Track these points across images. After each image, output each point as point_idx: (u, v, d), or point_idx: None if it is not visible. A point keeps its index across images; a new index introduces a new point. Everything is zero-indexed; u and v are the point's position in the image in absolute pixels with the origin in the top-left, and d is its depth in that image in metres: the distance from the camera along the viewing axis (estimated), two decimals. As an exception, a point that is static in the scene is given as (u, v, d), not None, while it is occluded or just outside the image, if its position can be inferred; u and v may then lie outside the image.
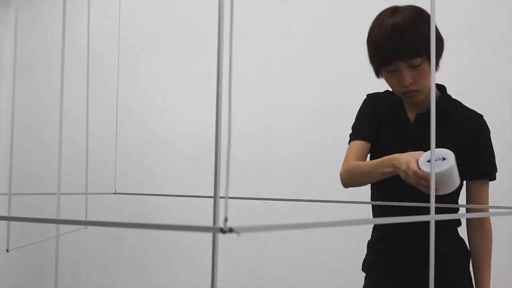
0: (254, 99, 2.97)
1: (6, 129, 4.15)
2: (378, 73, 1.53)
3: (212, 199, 0.57)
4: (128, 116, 3.40)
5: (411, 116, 1.54)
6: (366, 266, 1.66)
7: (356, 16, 2.62)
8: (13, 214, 3.69)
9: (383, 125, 1.56)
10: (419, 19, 1.40)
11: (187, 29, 3.28)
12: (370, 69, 2.56)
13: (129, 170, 3.39)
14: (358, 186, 1.56)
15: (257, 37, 2.95)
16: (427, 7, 1.45)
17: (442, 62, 1.54)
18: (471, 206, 1.53)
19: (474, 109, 1.55)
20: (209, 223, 0.56)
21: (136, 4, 3.44)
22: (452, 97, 1.58)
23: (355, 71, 2.50)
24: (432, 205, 0.88)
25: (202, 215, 2.79)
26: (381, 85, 2.57)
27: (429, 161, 1.30)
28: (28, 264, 4.01)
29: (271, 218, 2.77)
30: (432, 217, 0.79)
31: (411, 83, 1.41)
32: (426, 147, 1.42)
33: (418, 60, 1.39)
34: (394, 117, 1.55)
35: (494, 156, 1.56)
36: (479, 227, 1.55)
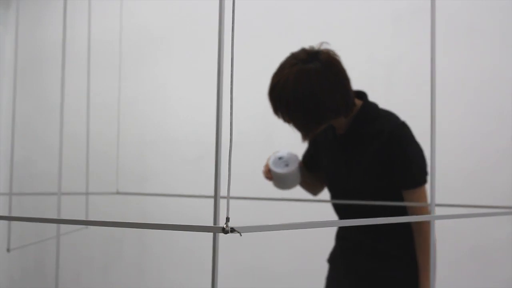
0: (254, 98, 2.97)
1: (7, 128, 4.15)
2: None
3: (212, 199, 0.57)
4: (129, 116, 3.40)
5: (338, 135, 1.65)
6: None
7: (357, 17, 2.63)
8: (14, 214, 3.70)
9: (321, 142, 1.71)
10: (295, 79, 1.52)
11: (187, 29, 3.28)
12: (370, 70, 2.57)
13: (130, 170, 3.40)
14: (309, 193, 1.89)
15: (258, 37, 2.95)
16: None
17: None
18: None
19: (394, 118, 1.57)
20: (210, 223, 0.57)
21: (136, 3, 3.44)
22: (373, 106, 1.61)
23: (355, 72, 2.50)
24: (433, 205, 0.88)
25: (203, 215, 2.79)
26: (381, 86, 2.58)
27: (280, 158, 1.61)
28: (28, 264, 4.01)
29: (271, 218, 2.77)
30: (432, 217, 0.79)
31: None
32: (350, 165, 1.58)
33: None
34: (327, 140, 1.69)
35: (420, 161, 1.54)
36: (416, 230, 1.58)
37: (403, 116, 2.13)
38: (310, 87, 1.46)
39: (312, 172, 1.81)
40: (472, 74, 2.31)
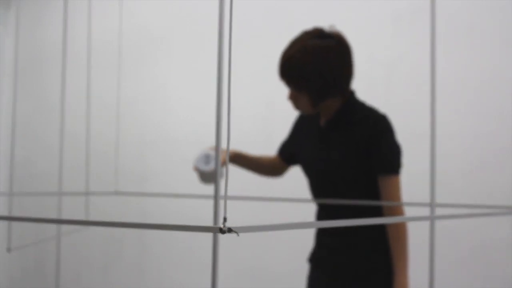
0: (254, 98, 2.97)
1: (7, 128, 4.15)
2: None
3: (212, 199, 0.57)
4: (129, 116, 3.40)
5: (322, 123, 1.74)
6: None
7: (357, 17, 2.63)
8: (14, 214, 3.70)
9: (304, 133, 1.82)
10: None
11: (187, 29, 3.28)
12: (370, 70, 2.57)
13: (130, 170, 3.40)
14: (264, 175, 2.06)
15: (258, 37, 2.95)
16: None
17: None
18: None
19: (377, 110, 1.67)
20: (210, 223, 0.57)
21: (136, 3, 3.44)
22: (359, 100, 1.71)
23: (355, 72, 2.50)
24: (433, 205, 0.88)
25: (203, 215, 2.79)
26: (381, 86, 2.57)
27: (205, 156, 1.73)
28: (28, 264, 4.01)
29: (271, 218, 2.77)
30: (432, 217, 0.79)
31: None
32: (332, 148, 1.67)
33: None
34: (310, 130, 1.79)
35: (395, 153, 1.64)
36: (389, 224, 1.65)
37: (403, 116, 2.14)
38: (324, 61, 1.57)
39: (286, 161, 1.94)
40: (472, 74, 2.31)
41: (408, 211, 2.19)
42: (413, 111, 2.38)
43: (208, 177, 1.73)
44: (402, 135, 1.75)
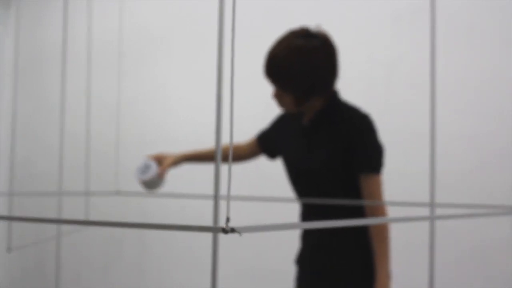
0: (254, 98, 2.97)
1: (7, 128, 4.15)
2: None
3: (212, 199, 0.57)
4: (129, 116, 3.40)
5: (305, 121, 1.75)
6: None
7: (357, 17, 2.63)
8: (14, 214, 3.70)
9: (287, 131, 1.83)
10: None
11: (187, 29, 3.28)
12: (370, 70, 2.56)
13: (130, 170, 3.39)
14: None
15: (258, 37, 2.95)
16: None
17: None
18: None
19: (359, 110, 1.68)
20: (210, 223, 0.57)
21: (136, 3, 3.44)
22: (342, 100, 1.72)
23: (355, 72, 2.50)
24: (433, 205, 0.88)
25: (203, 215, 2.79)
26: (381, 86, 2.58)
27: (143, 165, 1.81)
28: (28, 264, 4.01)
29: (271, 218, 2.77)
30: (432, 217, 0.79)
31: None
32: (315, 146, 1.68)
33: None
34: (293, 128, 1.80)
35: (377, 152, 1.65)
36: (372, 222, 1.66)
37: (403, 116, 2.14)
38: (309, 60, 1.58)
39: (263, 149, 1.96)
40: (472, 74, 2.31)
41: (408, 211, 2.20)
42: (413, 111, 2.38)
43: (148, 184, 1.81)
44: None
